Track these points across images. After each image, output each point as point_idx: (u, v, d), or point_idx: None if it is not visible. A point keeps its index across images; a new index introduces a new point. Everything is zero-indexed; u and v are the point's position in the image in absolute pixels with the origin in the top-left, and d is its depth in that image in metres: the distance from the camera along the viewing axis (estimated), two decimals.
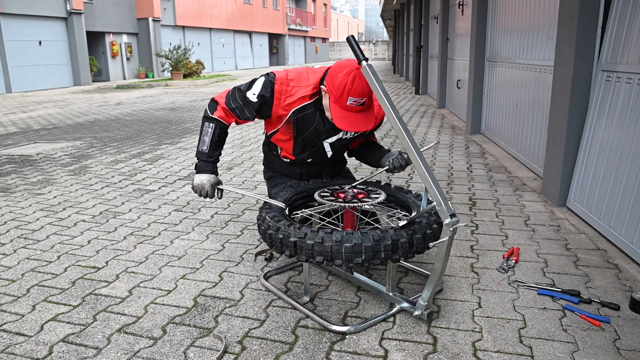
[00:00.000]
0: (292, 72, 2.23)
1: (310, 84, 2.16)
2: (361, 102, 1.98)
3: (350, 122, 2.02)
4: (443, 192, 1.69)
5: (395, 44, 23.47)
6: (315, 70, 2.23)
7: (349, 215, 2.09)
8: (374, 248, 1.71)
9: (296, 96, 2.16)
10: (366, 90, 1.97)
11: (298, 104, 2.17)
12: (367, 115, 2.04)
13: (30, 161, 5.13)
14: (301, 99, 2.16)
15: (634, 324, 1.86)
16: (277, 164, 2.52)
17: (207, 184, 2.22)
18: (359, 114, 2.02)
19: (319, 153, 2.36)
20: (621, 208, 2.55)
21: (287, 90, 2.17)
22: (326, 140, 2.31)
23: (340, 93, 1.98)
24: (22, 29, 15.94)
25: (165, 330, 1.90)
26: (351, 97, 1.97)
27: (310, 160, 2.40)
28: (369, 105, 2.03)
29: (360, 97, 1.97)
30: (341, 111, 2.02)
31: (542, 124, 3.91)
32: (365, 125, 2.04)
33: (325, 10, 48.07)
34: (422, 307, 1.86)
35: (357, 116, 2.02)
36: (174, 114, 9.08)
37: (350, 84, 1.95)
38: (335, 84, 1.99)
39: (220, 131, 2.24)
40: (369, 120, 2.05)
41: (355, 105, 1.99)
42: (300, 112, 2.18)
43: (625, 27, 2.72)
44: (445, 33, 8.56)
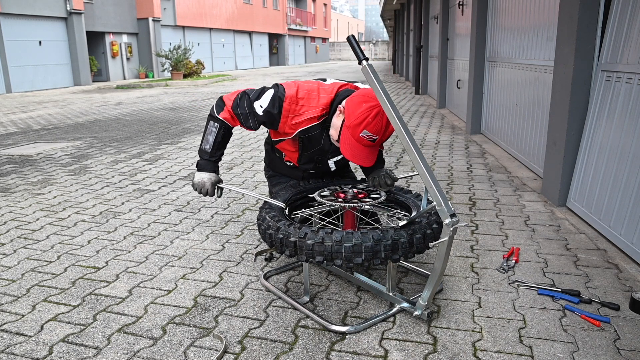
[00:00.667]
0: (303, 89, 2.13)
1: (320, 105, 2.10)
2: (374, 138, 1.96)
3: (356, 154, 2.00)
4: (443, 192, 1.69)
5: (395, 44, 23.48)
6: (326, 88, 2.15)
7: (349, 215, 2.09)
8: (374, 248, 1.71)
9: (304, 117, 2.10)
10: (382, 130, 1.94)
11: (305, 125, 2.12)
12: (373, 151, 2.03)
13: (30, 161, 5.13)
14: (309, 120, 2.11)
15: (634, 324, 1.86)
16: (279, 165, 2.51)
17: (207, 182, 2.24)
18: (367, 149, 2.00)
19: (323, 168, 2.38)
20: (621, 208, 2.55)
21: (296, 110, 2.10)
22: (331, 159, 2.32)
23: (357, 122, 1.93)
24: (22, 29, 15.94)
25: (165, 330, 1.90)
26: (367, 130, 1.93)
27: (314, 172, 2.42)
28: (378, 143, 2.01)
29: (376, 134, 1.95)
30: (351, 140, 1.98)
31: (542, 124, 3.91)
32: (369, 160, 2.03)
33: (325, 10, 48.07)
34: (422, 307, 1.86)
35: (364, 150, 2.00)
36: (174, 114, 9.08)
37: (372, 118, 1.91)
38: (357, 112, 1.94)
39: (224, 132, 2.23)
40: (373, 156, 2.04)
41: (366, 140, 1.96)
42: (307, 132, 2.15)
43: (625, 27, 2.72)
44: (445, 33, 8.56)
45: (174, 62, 18.80)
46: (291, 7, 38.85)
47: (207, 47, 26.81)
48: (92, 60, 19.28)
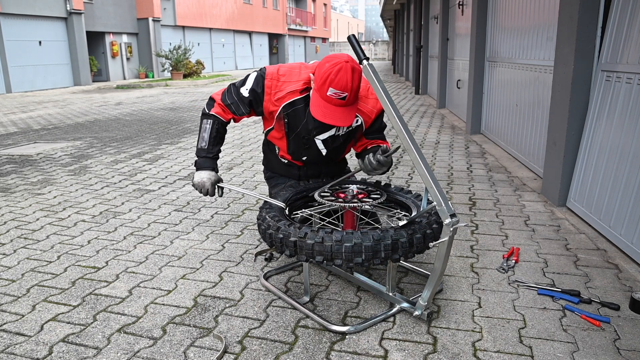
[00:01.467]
0: (285, 66, 2.21)
1: (301, 79, 2.14)
2: (342, 95, 1.93)
3: (326, 113, 1.97)
4: (443, 192, 1.69)
5: (395, 44, 23.47)
6: (308, 65, 2.21)
7: (349, 215, 2.09)
8: (374, 248, 1.71)
9: (286, 91, 2.14)
10: (349, 86, 1.92)
11: (288, 99, 2.15)
12: (345, 111, 1.98)
13: (30, 161, 5.13)
14: (291, 94, 2.14)
15: (634, 324, 1.86)
16: (276, 164, 2.51)
17: (207, 181, 2.23)
18: (337, 108, 1.97)
19: (313, 151, 2.31)
20: (621, 208, 2.55)
21: (277, 85, 2.16)
22: (317, 137, 2.26)
23: (322, 82, 1.94)
24: (22, 29, 15.94)
25: (165, 330, 1.90)
26: (332, 87, 1.92)
27: (306, 159, 2.35)
28: (350, 102, 1.97)
29: (342, 90, 1.92)
30: (320, 100, 1.98)
31: (542, 124, 3.91)
32: (342, 120, 1.98)
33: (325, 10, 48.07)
34: (422, 307, 1.86)
35: (334, 109, 1.97)
36: (174, 114, 9.08)
37: (335, 74, 1.91)
38: (321, 72, 1.96)
39: (218, 127, 2.25)
40: (347, 116, 1.99)
41: (335, 98, 1.94)
42: (290, 107, 2.16)
43: (625, 27, 2.72)
44: (445, 33, 8.56)
45: (174, 62, 18.80)
46: (291, 7, 38.84)
47: (207, 47, 26.81)
48: (92, 60, 19.28)
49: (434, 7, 10.44)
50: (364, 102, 2.19)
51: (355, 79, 1.93)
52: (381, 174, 2.15)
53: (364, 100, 2.19)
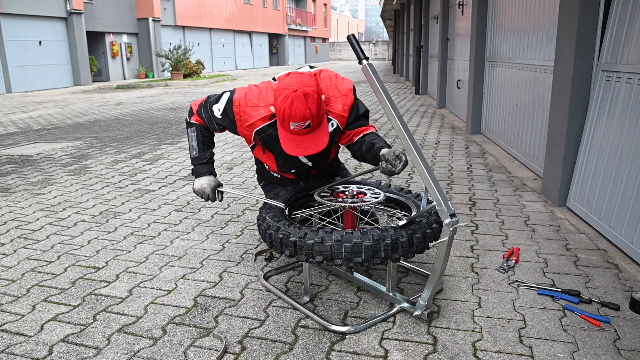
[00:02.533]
0: (253, 91, 2.15)
1: (268, 104, 2.09)
2: (305, 125, 1.90)
3: (298, 147, 1.95)
4: (443, 192, 1.69)
5: (395, 44, 23.47)
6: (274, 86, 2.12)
7: (349, 215, 2.09)
8: (373, 247, 1.71)
9: (255, 118, 2.11)
10: (308, 113, 1.88)
11: (258, 125, 2.12)
12: (315, 136, 1.95)
13: (30, 161, 5.13)
14: (260, 120, 2.11)
15: (634, 324, 1.86)
16: (268, 177, 2.49)
17: (207, 187, 2.26)
18: (307, 136, 1.95)
19: (299, 165, 2.29)
20: (621, 208, 2.55)
21: (246, 112, 2.12)
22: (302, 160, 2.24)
23: (281, 119, 1.92)
24: (22, 29, 15.94)
25: (165, 330, 1.90)
26: (292, 122, 1.90)
27: (295, 171, 2.33)
28: (315, 125, 1.94)
29: (302, 120, 1.89)
30: (287, 135, 1.96)
31: (542, 124, 3.91)
32: (315, 147, 1.95)
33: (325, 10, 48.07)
34: (422, 307, 1.86)
35: (304, 139, 1.94)
36: (174, 114, 9.08)
37: (289, 109, 1.88)
38: (277, 109, 1.93)
39: (202, 132, 2.28)
40: (319, 140, 1.96)
41: (299, 129, 1.92)
42: (263, 132, 2.14)
43: (625, 27, 2.72)
44: (445, 33, 8.56)
45: (174, 62, 18.80)
46: (291, 7, 38.84)
47: (207, 47, 26.81)
48: (92, 60, 19.27)
49: (434, 7, 10.44)
50: (334, 102, 2.11)
51: (310, 103, 1.89)
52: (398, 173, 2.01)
53: (333, 101, 2.11)
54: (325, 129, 1.99)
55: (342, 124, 2.16)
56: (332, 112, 2.11)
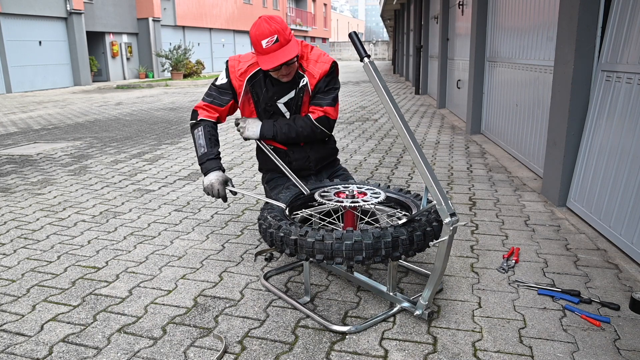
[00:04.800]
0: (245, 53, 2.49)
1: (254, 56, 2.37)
2: (273, 39, 2.18)
3: (272, 59, 2.20)
4: (443, 191, 1.69)
5: (395, 44, 23.47)
6: None
7: (349, 215, 2.09)
8: (374, 245, 1.70)
9: (245, 65, 2.40)
10: (274, 29, 2.18)
11: (249, 72, 2.39)
12: (285, 49, 2.21)
13: (30, 161, 5.13)
14: (249, 67, 2.39)
15: (634, 324, 1.86)
16: (268, 159, 2.55)
17: (215, 182, 2.31)
18: (278, 51, 2.20)
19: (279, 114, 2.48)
20: (621, 208, 2.55)
21: (238, 64, 2.42)
22: (279, 101, 2.43)
23: (255, 42, 2.21)
24: (22, 29, 15.94)
25: (165, 330, 1.90)
26: (262, 40, 2.18)
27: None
28: (285, 41, 2.20)
29: (269, 35, 2.17)
30: (262, 57, 2.22)
31: (542, 124, 3.91)
32: (285, 55, 2.20)
33: (325, 10, 48.06)
34: (423, 307, 1.86)
35: (276, 53, 2.20)
36: (174, 114, 9.08)
37: (257, 30, 2.19)
38: (251, 38, 2.23)
39: (209, 129, 2.43)
40: (289, 51, 2.21)
41: (270, 45, 2.18)
42: (252, 79, 2.39)
43: (625, 27, 2.72)
44: (445, 33, 8.56)
45: (174, 62, 18.80)
46: (291, 7, 38.83)
47: (207, 47, 26.80)
48: (92, 60, 19.28)
49: (434, 7, 10.44)
50: (312, 65, 2.39)
51: (273, 22, 2.19)
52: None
53: (312, 63, 2.39)
54: (294, 45, 2.25)
55: (311, 84, 2.40)
56: (307, 72, 2.39)
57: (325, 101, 2.41)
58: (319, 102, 2.42)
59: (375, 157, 4.89)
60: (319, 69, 2.38)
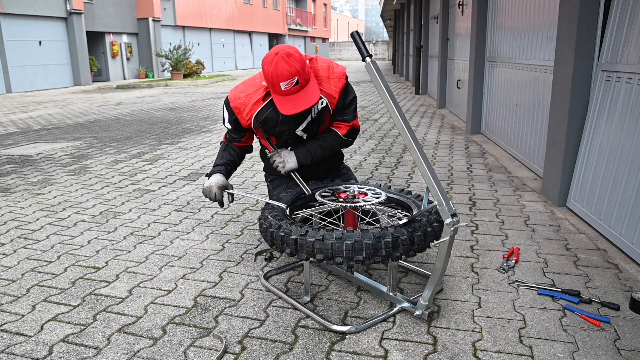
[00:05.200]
0: (242, 84, 2.33)
1: (259, 87, 2.24)
2: (294, 82, 2.03)
3: (294, 105, 2.06)
4: (444, 191, 1.69)
5: (395, 44, 23.47)
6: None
7: (350, 215, 2.09)
8: (374, 245, 1.70)
9: (250, 104, 2.26)
10: (294, 70, 2.01)
11: (254, 110, 2.26)
12: (306, 92, 2.08)
13: (30, 161, 5.13)
14: (255, 104, 2.25)
15: (634, 324, 1.86)
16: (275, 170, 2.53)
17: (214, 185, 2.31)
18: (299, 94, 2.07)
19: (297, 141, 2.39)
20: (621, 208, 2.55)
21: (242, 103, 2.27)
22: (298, 129, 2.34)
23: (271, 82, 2.05)
24: (22, 29, 15.94)
25: (165, 330, 1.90)
26: (282, 82, 2.03)
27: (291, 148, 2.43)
28: (304, 82, 2.07)
29: (290, 77, 2.02)
30: (281, 98, 2.08)
31: (542, 124, 3.91)
32: (308, 101, 2.07)
33: (325, 10, 48.06)
34: (423, 307, 1.86)
35: (296, 97, 2.06)
36: (174, 114, 9.08)
37: (275, 69, 2.01)
38: (265, 76, 2.07)
39: (224, 147, 2.45)
40: (311, 96, 2.08)
41: (290, 88, 2.04)
42: (260, 115, 2.26)
43: (625, 27, 2.72)
44: (445, 33, 8.56)
45: (174, 62, 18.79)
46: (291, 7, 38.83)
47: (207, 47, 26.80)
48: (92, 60, 19.27)
49: (434, 7, 10.44)
50: (327, 83, 2.24)
51: (293, 62, 2.02)
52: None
53: (325, 81, 2.24)
54: (314, 85, 2.11)
55: (332, 104, 2.29)
56: (323, 91, 2.24)
57: (349, 115, 2.35)
58: (345, 118, 2.35)
59: (375, 157, 4.89)
60: (335, 86, 2.26)
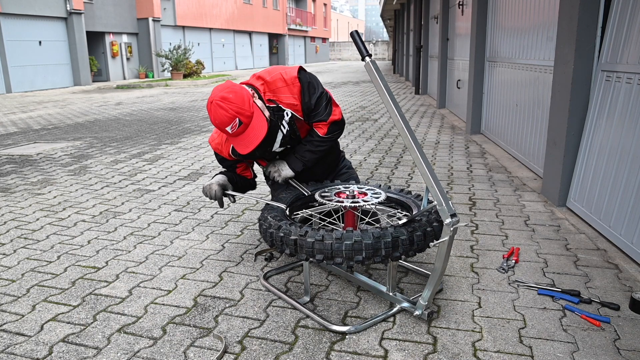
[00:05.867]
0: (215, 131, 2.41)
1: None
2: (236, 124, 2.02)
3: (246, 143, 2.06)
4: (444, 191, 1.69)
5: (395, 44, 23.47)
6: None
7: (350, 215, 2.09)
8: (374, 245, 1.70)
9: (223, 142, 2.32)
10: (231, 114, 1.99)
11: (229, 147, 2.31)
12: (253, 129, 2.05)
13: (30, 161, 5.13)
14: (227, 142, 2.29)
15: (634, 324, 1.86)
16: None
17: (214, 183, 2.35)
18: (246, 132, 2.05)
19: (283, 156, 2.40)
20: (621, 208, 2.55)
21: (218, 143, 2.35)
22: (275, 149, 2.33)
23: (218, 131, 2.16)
24: (22, 29, 15.94)
25: (165, 330, 1.90)
26: (225, 127, 2.03)
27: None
28: (248, 121, 2.03)
29: (231, 122, 2.01)
30: (234, 140, 2.10)
31: (542, 124, 3.91)
32: (257, 137, 2.05)
33: (325, 10, 48.06)
34: (423, 307, 1.86)
35: (245, 135, 2.06)
36: (174, 114, 9.08)
37: (215, 118, 2.02)
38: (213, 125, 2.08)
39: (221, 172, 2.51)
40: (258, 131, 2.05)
41: (236, 130, 2.03)
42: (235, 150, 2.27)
43: (625, 27, 2.72)
44: (445, 33, 8.56)
45: (174, 62, 18.79)
46: (291, 7, 38.84)
47: (207, 47, 26.80)
48: (92, 60, 19.27)
49: (434, 7, 10.44)
50: (284, 92, 2.19)
51: (230, 105, 1.99)
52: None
53: (283, 91, 2.19)
54: (259, 118, 2.06)
55: (297, 112, 2.24)
56: (283, 103, 2.21)
57: (322, 114, 2.27)
58: (320, 118, 2.28)
59: (375, 157, 4.89)
60: (291, 92, 2.19)
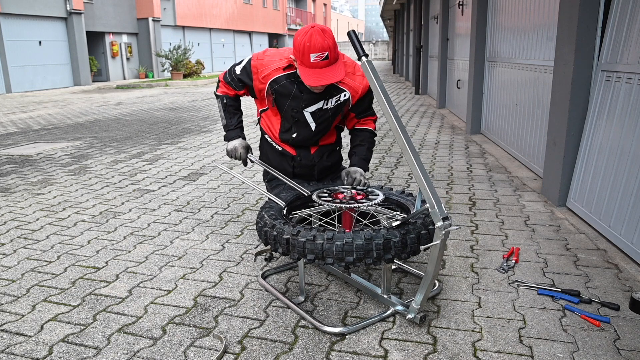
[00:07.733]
0: (271, 49, 2.38)
1: (284, 57, 2.28)
2: (324, 55, 2.05)
3: (318, 77, 2.08)
4: (437, 194, 1.68)
5: (395, 44, 23.47)
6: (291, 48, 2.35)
7: (347, 216, 2.09)
8: (365, 247, 1.70)
9: (271, 68, 2.29)
10: (326, 45, 2.04)
11: (273, 76, 2.29)
12: (333, 69, 2.10)
13: (30, 161, 5.13)
14: (275, 71, 2.28)
15: (634, 324, 1.86)
16: (271, 155, 2.55)
17: (239, 146, 2.42)
18: (325, 69, 2.08)
19: (302, 126, 2.38)
20: (621, 208, 2.55)
21: (263, 64, 2.31)
22: (306, 109, 2.33)
23: (302, 53, 2.07)
24: (22, 29, 15.93)
25: (165, 330, 1.90)
26: (312, 53, 2.05)
27: (296, 136, 2.41)
28: (333, 59, 2.09)
29: (321, 51, 2.04)
30: (307, 70, 2.10)
31: (542, 124, 3.91)
32: (333, 76, 2.09)
33: (325, 10, 48.05)
34: (415, 311, 1.84)
35: (323, 71, 2.08)
36: (174, 114, 9.08)
37: (309, 41, 2.04)
38: (297, 46, 2.09)
39: (227, 101, 2.48)
40: (336, 72, 2.10)
41: (319, 61, 2.06)
42: (276, 83, 2.29)
43: (625, 27, 2.72)
44: (445, 33, 8.56)
45: (174, 62, 18.80)
46: (291, 7, 38.84)
47: (207, 47, 26.80)
48: (92, 60, 19.27)
49: (434, 7, 10.44)
50: (351, 78, 2.29)
51: (327, 37, 2.05)
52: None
53: (350, 76, 2.29)
54: (341, 65, 2.13)
55: (353, 98, 2.34)
56: (347, 84, 2.30)
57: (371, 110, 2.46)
58: (370, 113, 2.45)
59: (374, 157, 4.89)
60: (360, 84, 2.31)
